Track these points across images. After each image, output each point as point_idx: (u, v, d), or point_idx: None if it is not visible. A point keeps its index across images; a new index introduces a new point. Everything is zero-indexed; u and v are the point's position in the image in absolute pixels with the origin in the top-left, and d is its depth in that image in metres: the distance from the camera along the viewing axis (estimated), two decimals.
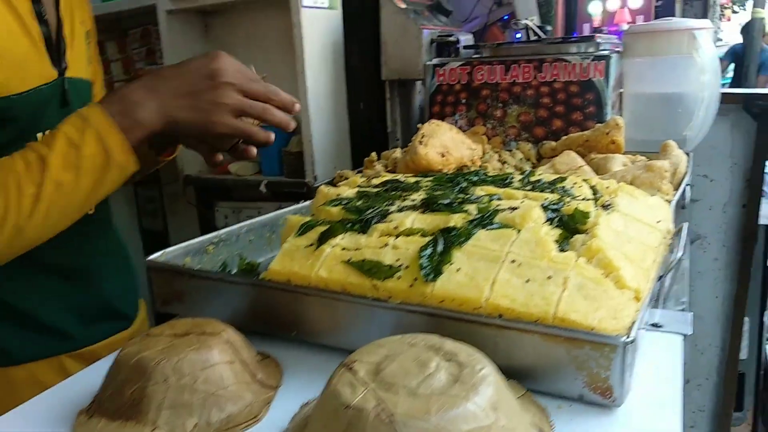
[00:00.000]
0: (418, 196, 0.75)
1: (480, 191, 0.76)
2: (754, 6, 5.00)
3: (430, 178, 0.85)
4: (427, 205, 0.71)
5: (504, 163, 1.24)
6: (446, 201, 0.71)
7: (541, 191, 0.76)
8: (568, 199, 0.72)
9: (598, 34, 1.33)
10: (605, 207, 0.72)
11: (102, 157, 0.71)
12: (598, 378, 0.52)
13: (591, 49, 1.31)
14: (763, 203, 1.57)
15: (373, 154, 1.25)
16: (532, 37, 1.51)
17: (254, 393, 0.58)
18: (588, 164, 1.18)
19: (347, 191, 0.81)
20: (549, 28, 1.49)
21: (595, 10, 2.54)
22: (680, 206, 1.04)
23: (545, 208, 0.69)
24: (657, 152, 1.18)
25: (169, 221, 2.08)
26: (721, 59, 5.57)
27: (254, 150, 0.82)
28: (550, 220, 0.67)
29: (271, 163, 1.62)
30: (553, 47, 1.34)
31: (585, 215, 0.66)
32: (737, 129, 1.48)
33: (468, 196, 0.74)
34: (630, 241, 0.64)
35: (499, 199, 0.73)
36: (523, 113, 1.36)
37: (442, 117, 1.44)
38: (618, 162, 1.12)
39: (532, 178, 0.82)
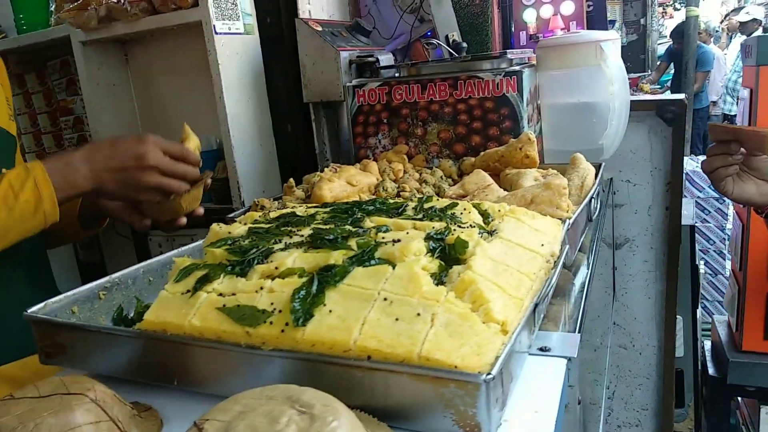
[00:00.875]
0: (306, 232, 0.74)
1: (369, 223, 0.76)
2: (687, 5, 5.19)
3: (328, 209, 0.84)
4: (312, 242, 0.70)
5: (424, 182, 1.24)
6: (330, 237, 0.70)
7: (431, 219, 0.76)
8: (454, 227, 0.72)
9: (510, 50, 1.35)
10: (491, 233, 0.72)
11: (33, 204, 0.86)
12: (466, 415, 0.52)
13: (503, 65, 1.33)
14: (684, 204, 1.61)
15: (291, 180, 1.23)
16: (447, 55, 1.52)
17: None
18: (502, 180, 1.19)
19: (239, 228, 0.80)
20: (464, 44, 1.50)
21: (529, 17, 2.59)
22: (588, 219, 1.06)
23: (430, 237, 0.69)
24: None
25: (105, 253, 2.03)
26: (661, 60, 5.76)
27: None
28: (432, 251, 0.67)
29: None
30: (466, 64, 1.35)
31: (464, 244, 0.66)
32: (654, 134, 1.52)
33: (357, 229, 0.74)
34: (507, 269, 0.64)
35: (387, 230, 0.72)
36: (443, 131, 1.37)
37: (365, 137, 1.44)
38: (529, 177, 1.13)
39: (426, 206, 0.82)
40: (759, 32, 7.97)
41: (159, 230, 1.32)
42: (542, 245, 0.72)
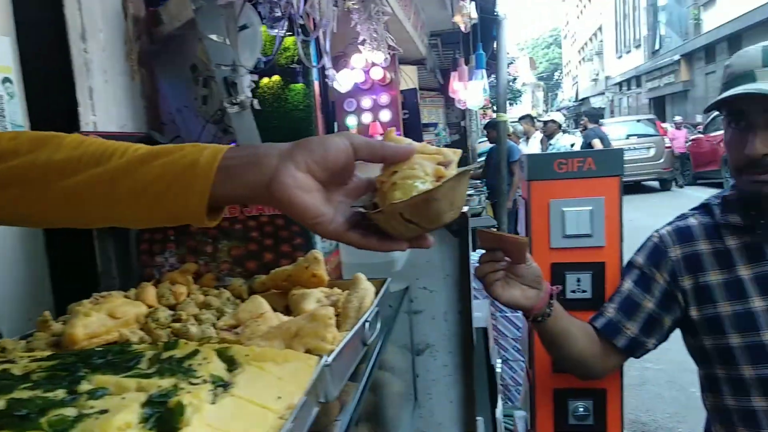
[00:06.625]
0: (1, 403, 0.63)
1: (87, 385, 0.67)
2: (497, 111, 5.93)
3: (50, 363, 0.74)
4: (1, 419, 0.59)
5: (209, 306, 1.17)
6: (23, 412, 0.59)
7: (163, 374, 0.69)
8: (183, 383, 0.66)
9: None
10: (225, 388, 0.67)
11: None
12: None
13: None
14: (478, 306, 1.72)
15: (47, 313, 1.08)
16: None
17: None
18: (290, 301, 1.16)
19: None
20: None
21: (351, 124, 2.72)
22: (362, 343, 1.06)
23: (150, 402, 0.62)
24: (374, 277, 1.21)
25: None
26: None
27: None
28: (146, 420, 0.60)
29: None
30: None
31: (181, 410, 0.60)
32: (445, 244, 1.62)
33: (65, 396, 0.64)
34: None
35: (103, 395, 0.64)
36: (234, 247, 1.33)
37: (152, 255, 1.34)
38: (312, 299, 1.12)
39: (165, 355, 0.75)
40: (559, 134, 9.32)
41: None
42: (279, 398, 0.68)
